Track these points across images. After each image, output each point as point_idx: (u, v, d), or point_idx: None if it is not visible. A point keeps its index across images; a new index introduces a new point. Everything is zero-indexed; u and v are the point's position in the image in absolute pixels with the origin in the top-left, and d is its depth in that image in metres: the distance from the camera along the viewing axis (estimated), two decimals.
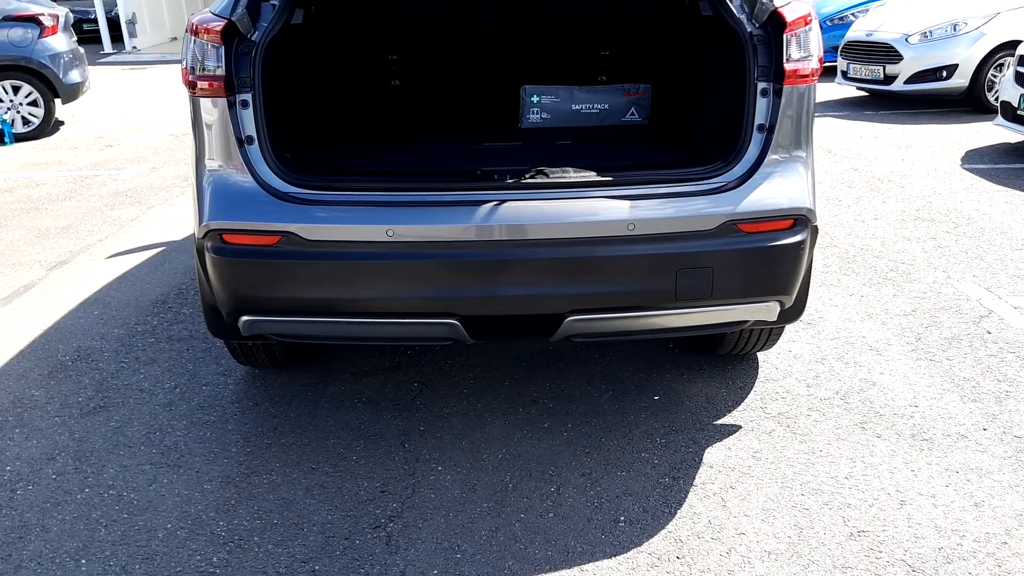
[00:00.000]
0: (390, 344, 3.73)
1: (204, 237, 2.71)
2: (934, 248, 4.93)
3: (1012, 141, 7.55)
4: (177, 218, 5.96)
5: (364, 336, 2.99)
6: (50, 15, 9.01)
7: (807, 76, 2.72)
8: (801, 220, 2.75)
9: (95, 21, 19.66)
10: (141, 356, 3.81)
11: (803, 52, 2.70)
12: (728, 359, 3.63)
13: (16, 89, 8.91)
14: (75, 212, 6.19)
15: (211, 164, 2.75)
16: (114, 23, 19.69)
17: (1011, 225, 5.28)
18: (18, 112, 8.98)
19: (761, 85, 2.74)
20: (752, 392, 3.39)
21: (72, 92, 9.20)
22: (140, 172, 7.49)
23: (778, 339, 3.47)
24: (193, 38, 2.69)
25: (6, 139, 8.77)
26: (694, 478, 2.84)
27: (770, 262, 2.76)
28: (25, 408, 3.38)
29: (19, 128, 8.98)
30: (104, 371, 3.67)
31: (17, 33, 8.81)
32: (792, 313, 3.02)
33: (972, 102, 9.00)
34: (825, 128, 8.49)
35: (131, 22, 19.38)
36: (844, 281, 4.49)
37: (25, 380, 3.62)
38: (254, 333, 2.85)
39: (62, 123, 9.86)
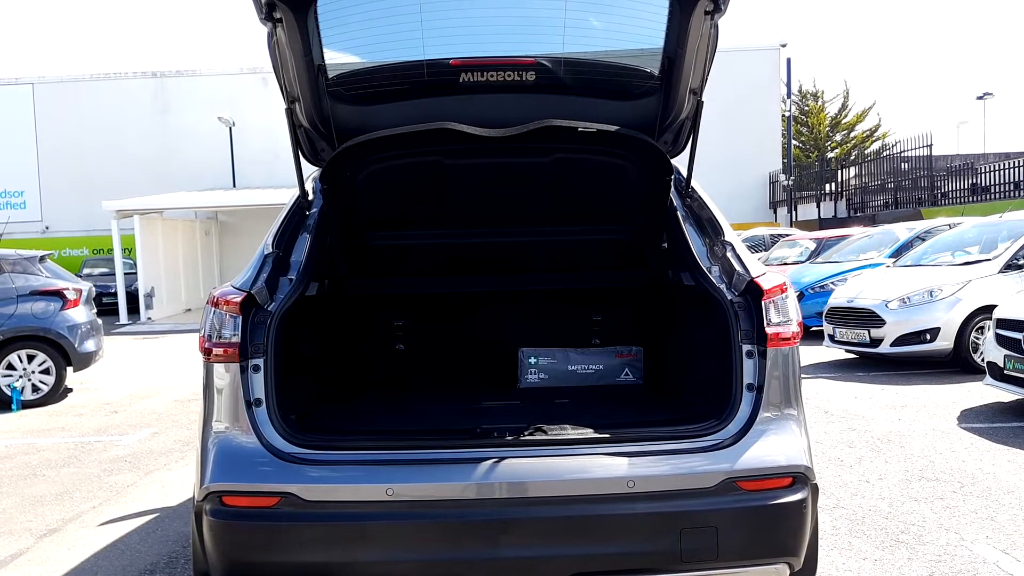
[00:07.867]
0: None
1: (204, 500, 2.70)
2: (943, 508, 4.84)
3: (1005, 400, 7.67)
4: (174, 483, 5.90)
5: None
6: (74, 289, 9.53)
7: (788, 339, 2.88)
8: (800, 478, 2.77)
9: (115, 295, 20.74)
10: None
11: (782, 317, 2.89)
12: None
13: (31, 358, 9.19)
14: (72, 478, 6.14)
15: (218, 426, 2.81)
16: (132, 296, 20.78)
17: (1018, 484, 5.22)
18: (29, 380, 9.20)
19: (746, 347, 2.89)
20: None
21: (85, 360, 9.48)
22: (142, 437, 7.52)
23: None
24: (213, 309, 2.87)
25: (13, 406, 8.90)
26: None
27: (774, 521, 2.73)
28: None
29: (28, 395, 9.14)
30: None
31: (40, 306, 9.25)
32: None
33: (959, 363, 9.24)
34: (819, 389, 8.65)
35: (149, 295, 20.45)
36: (855, 544, 4.36)
37: None
38: None
39: (71, 390, 10.05)
